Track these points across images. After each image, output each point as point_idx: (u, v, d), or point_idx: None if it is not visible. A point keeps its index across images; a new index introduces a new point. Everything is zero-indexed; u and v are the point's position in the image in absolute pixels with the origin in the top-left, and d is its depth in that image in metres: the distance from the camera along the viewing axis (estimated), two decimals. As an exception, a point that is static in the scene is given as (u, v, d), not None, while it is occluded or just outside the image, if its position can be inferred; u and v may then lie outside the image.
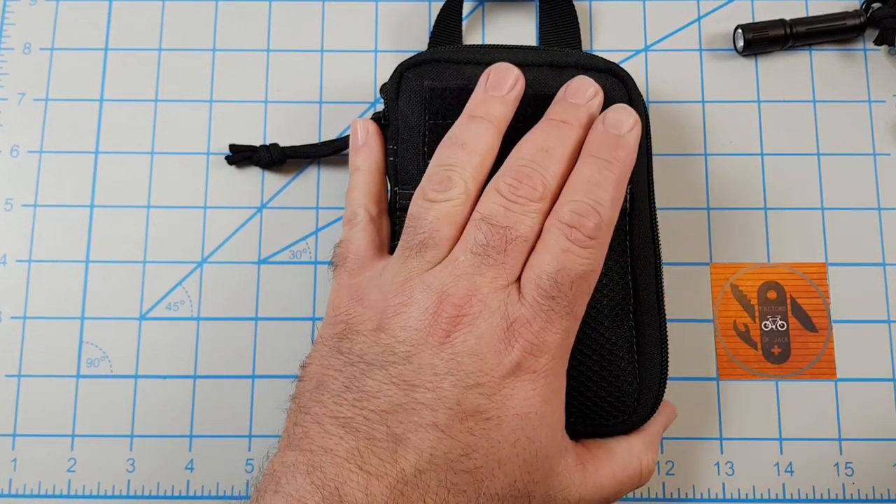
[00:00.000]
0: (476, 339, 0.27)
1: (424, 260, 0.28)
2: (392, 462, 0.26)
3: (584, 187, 0.29)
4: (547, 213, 0.29)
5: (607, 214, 0.29)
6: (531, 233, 0.28)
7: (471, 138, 0.30)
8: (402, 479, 0.25)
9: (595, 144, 0.30)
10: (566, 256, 0.28)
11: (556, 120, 0.30)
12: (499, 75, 0.31)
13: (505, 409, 0.27)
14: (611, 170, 0.29)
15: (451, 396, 0.26)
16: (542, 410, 0.27)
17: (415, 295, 0.28)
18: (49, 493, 0.36)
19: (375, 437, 0.26)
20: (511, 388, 0.27)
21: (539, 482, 0.28)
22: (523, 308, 0.27)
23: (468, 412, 0.26)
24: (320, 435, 0.26)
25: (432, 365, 0.27)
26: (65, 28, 0.40)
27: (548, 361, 0.28)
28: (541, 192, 0.29)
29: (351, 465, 0.25)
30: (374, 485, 0.25)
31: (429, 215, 0.29)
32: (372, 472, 0.25)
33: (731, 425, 0.36)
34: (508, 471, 0.27)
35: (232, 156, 0.38)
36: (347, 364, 0.28)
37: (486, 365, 0.27)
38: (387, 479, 0.25)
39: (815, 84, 0.39)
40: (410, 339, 0.27)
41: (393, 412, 0.26)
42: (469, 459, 0.26)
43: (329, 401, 0.27)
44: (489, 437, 0.26)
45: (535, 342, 0.27)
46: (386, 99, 0.34)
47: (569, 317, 0.28)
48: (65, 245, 0.38)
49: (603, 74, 0.33)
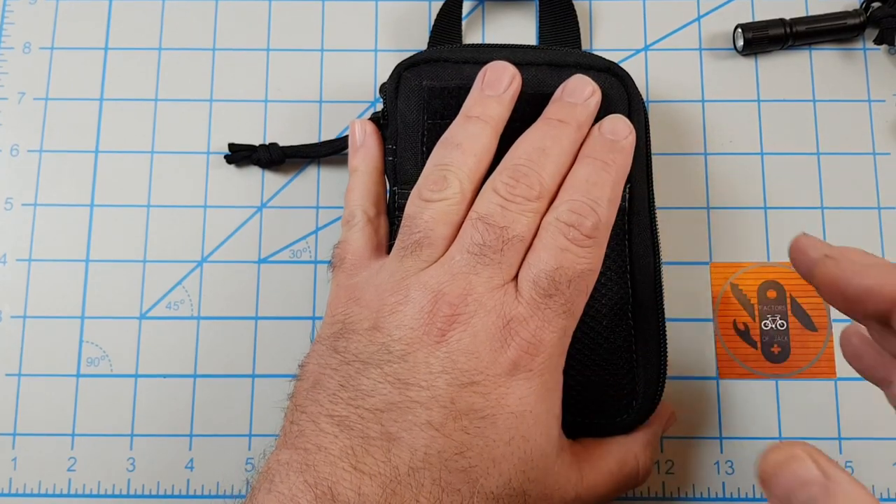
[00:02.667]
0: (471, 338, 0.27)
1: (420, 259, 0.29)
2: (385, 461, 0.26)
3: (582, 187, 0.29)
4: (543, 212, 0.29)
5: (605, 214, 0.29)
6: (528, 232, 0.28)
7: (466, 138, 0.30)
8: (395, 478, 0.25)
9: (592, 147, 0.30)
10: (564, 255, 0.28)
11: (554, 119, 0.30)
12: (494, 74, 0.31)
13: (500, 407, 0.27)
14: (608, 171, 0.29)
15: (446, 395, 0.26)
16: (537, 409, 0.27)
17: (410, 294, 0.28)
18: (49, 492, 0.36)
19: (369, 436, 0.26)
20: (506, 386, 0.27)
21: (534, 480, 0.27)
22: (520, 307, 0.27)
23: (463, 411, 0.26)
24: (315, 433, 0.26)
25: (427, 363, 0.27)
26: (65, 27, 0.40)
27: (544, 360, 0.27)
28: (538, 191, 0.29)
29: (344, 464, 0.25)
30: (366, 483, 0.25)
31: (424, 215, 0.29)
32: (365, 470, 0.25)
33: (731, 425, 0.36)
34: (503, 469, 0.27)
35: (231, 155, 0.38)
36: (343, 363, 0.28)
37: (481, 363, 0.27)
38: (380, 478, 0.25)
39: (814, 83, 0.39)
40: (406, 337, 0.27)
41: (387, 410, 0.26)
42: (463, 458, 0.26)
43: (325, 399, 0.27)
44: (484, 435, 0.26)
45: (531, 341, 0.27)
46: (385, 99, 0.34)
47: (566, 316, 0.28)
48: (65, 244, 0.38)
49: (602, 73, 0.33)
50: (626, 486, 0.31)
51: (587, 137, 0.31)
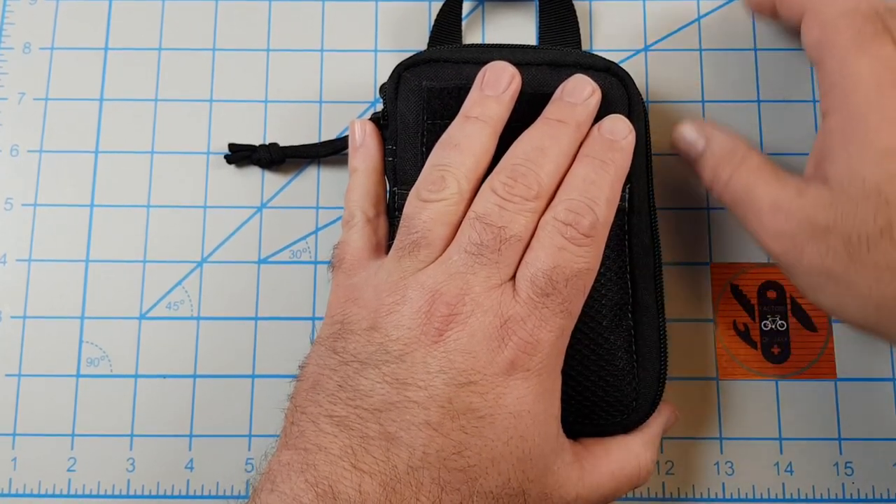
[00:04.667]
0: (469, 338, 0.27)
1: (418, 259, 0.29)
2: (384, 459, 0.26)
3: (580, 186, 0.29)
4: (542, 211, 0.29)
5: (603, 213, 0.29)
6: (526, 232, 0.28)
7: (465, 139, 0.30)
8: (395, 477, 0.25)
9: (591, 146, 0.30)
10: (561, 254, 0.28)
11: (553, 119, 0.30)
12: (494, 74, 0.31)
13: (498, 407, 0.27)
14: (606, 170, 0.29)
15: (443, 395, 0.26)
16: (535, 409, 0.27)
17: (408, 294, 0.28)
18: (49, 492, 0.36)
19: (368, 436, 0.26)
20: (504, 386, 0.27)
21: (534, 480, 0.27)
22: (517, 306, 0.27)
23: (460, 410, 0.26)
24: (315, 433, 0.27)
25: (425, 363, 0.27)
26: (65, 28, 0.40)
27: (542, 360, 0.27)
28: (536, 190, 0.29)
29: (345, 463, 0.26)
30: (367, 482, 0.25)
31: (422, 215, 0.29)
32: (365, 469, 0.25)
33: (731, 425, 0.36)
34: (502, 469, 0.27)
35: (231, 155, 0.38)
36: (342, 363, 0.28)
37: (478, 363, 0.27)
38: (380, 477, 0.25)
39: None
40: (403, 337, 0.27)
41: (386, 410, 0.26)
42: (462, 457, 0.26)
43: (324, 400, 0.27)
44: (482, 435, 0.26)
45: (529, 340, 0.27)
46: (385, 99, 0.34)
47: (564, 315, 0.28)
48: (65, 245, 0.38)
49: (602, 73, 0.33)
50: (628, 486, 0.31)
51: (587, 137, 0.31)
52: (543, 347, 0.27)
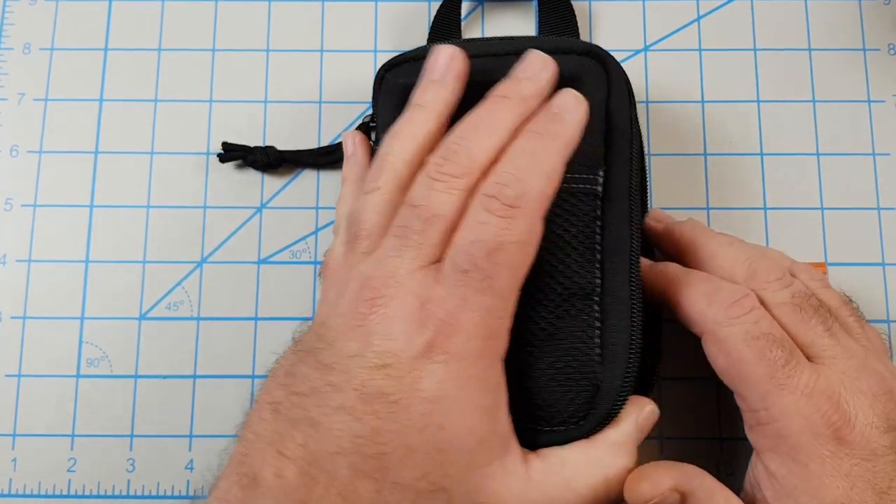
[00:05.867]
0: (388, 320, 0.26)
1: (358, 252, 0.28)
2: (304, 444, 0.25)
3: (514, 159, 0.28)
4: (474, 188, 0.28)
5: (536, 185, 0.27)
6: (451, 210, 0.27)
7: (406, 125, 0.29)
8: (312, 462, 0.25)
9: (534, 120, 0.29)
10: (483, 228, 0.26)
11: (496, 95, 0.29)
12: (431, 59, 0.30)
13: (413, 392, 0.25)
14: (543, 141, 0.28)
15: (358, 378, 0.26)
16: (456, 396, 0.26)
17: (349, 285, 0.27)
18: (49, 493, 0.36)
19: (295, 420, 0.26)
20: (420, 370, 0.26)
21: (455, 478, 0.26)
22: (439, 286, 0.26)
23: (373, 394, 0.25)
24: (256, 421, 0.27)
25: (346, 347, 0.26)
26: (65, 28, 0.40)
27: (464, 342, 0.26)
28: (465, 166, 0.27)
29: (272, 449, 0.26)
30: (287, 467, 0.25)
31: (361, 208, 0.29)
32: (288, 454, 0.25)
33: (731, 425, 0.36)
34: (418, 460, 0.25)
35: (224, 154, 0.38)
36: (292, 354, 0.28)
37: (395, 345, 0.26)
38: (299, 462, 0.25)
39: (814, 84, 0.39)
40: (338, 325, 0.27)
41: (311, 395, 0.26)
42: (375, 444, 0.25)
43: (272, 387, 0.27)
44: (396, 420, 0.25)
45: (447, 321, 0.26)
46: (372, 101, 0.34)
47: (486, 292, 0.26)
48: (65, 245, 0.38)
49: (582, 56, 0.32)
50: (594, 499, 0.28)
51: (532, 113, 0.29)
52: (464, 329, 0.26)
